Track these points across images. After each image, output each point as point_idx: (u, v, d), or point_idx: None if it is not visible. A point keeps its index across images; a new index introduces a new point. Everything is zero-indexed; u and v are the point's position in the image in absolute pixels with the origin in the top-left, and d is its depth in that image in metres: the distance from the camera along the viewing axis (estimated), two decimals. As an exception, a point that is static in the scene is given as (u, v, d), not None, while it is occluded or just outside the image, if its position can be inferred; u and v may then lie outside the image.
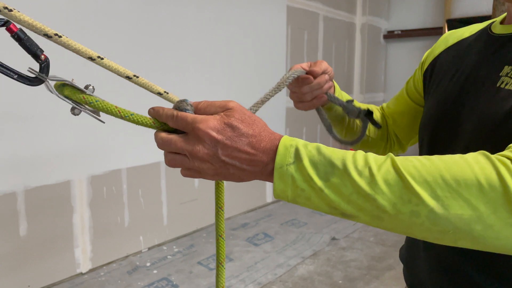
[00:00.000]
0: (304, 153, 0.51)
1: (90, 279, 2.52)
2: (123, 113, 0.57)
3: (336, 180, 0.49)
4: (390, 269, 2.71)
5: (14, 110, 2.19)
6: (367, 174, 0.48)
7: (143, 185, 2.89)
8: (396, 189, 0.47)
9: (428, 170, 0.47)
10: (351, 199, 0.49)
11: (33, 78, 0.52)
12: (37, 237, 2.34)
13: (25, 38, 0.49)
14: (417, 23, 5.29)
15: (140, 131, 2.96)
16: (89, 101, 0.54)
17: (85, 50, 0.53)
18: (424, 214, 0.47)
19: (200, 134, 0.52)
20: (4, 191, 2.19)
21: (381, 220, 0.49)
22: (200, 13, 3.11)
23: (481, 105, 0.68)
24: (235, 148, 0.52)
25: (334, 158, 0.50)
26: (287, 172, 0.51)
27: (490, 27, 0.78)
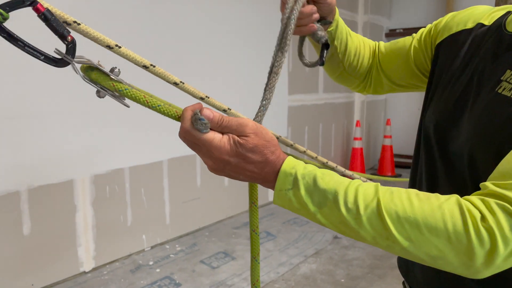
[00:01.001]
0: (302, 183, 0.58)
1: (93, 278, 2.53)
2: (150, 103, 0.57)
3: (327, 210, 0.58)
4: (393, 268, 2.72)
5: (17, 109, 2.20)
6: (354, 212, 0.56)
7: (146, 184, 2.90)
8: (377, 228, 0.56)
9: (408, 218, 0.55)
10: (338, 226, 0.58)
11: (59, 59, 0.51)
12: (41, 236, 2.35)
13: (52, 18, 0.48)
14: (419, 21, 5.28)
15: (143, 131, 2.96)
16: (118, 89, 0.54)
17: (103, 38, 0.53)
18: (398, 249, 0.56)
19: (212, 155, 0.58)
20: (8, 190, 2.20)
21: (361, 241, 0.59)
22: (200, 11, 3.11)
23: (478, 108, 0.66)
24: (241, 169, 0.59)
25: (327, 191, 0.58)
26: (286, 195, 0.59)
27: (505, 21, 0.71)
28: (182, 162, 3.13)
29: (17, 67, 2.16)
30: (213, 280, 2.54)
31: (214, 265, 2.73)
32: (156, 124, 2.86)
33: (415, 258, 0.57)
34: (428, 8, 5.23)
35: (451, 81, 0.76)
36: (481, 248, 0.52)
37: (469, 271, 0.55)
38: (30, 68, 2.20)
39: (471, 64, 0.73)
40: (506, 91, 0.63)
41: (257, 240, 0.74)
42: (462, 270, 0.56)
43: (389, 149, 5.26)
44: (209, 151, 0.58)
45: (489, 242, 0.52)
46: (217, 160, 0.58)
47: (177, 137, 2.43)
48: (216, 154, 0.58)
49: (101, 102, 2.80)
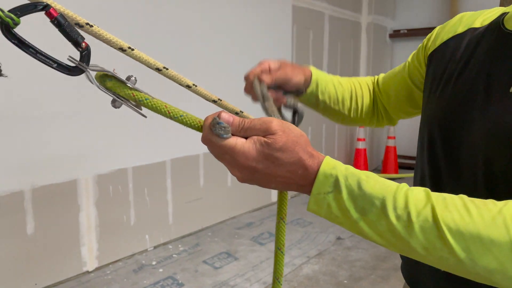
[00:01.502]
0: (344, 186, 0.51)
1: (96, 278, 2.54)
2: (173, 113, 0.54)
3: (373, 217, 0.51)
4: (396, 269, 2.71)
5: (21, 110, 2.21)
6: (405, 219, 0.50)
7: (149, 184, 2.91)
8: (431, 237, 0.49)
9: (466, 226, 0.49)
10: (384, 236, 0.51)
11: (73, 67, 0.48)
12: (44, 235, 2.36)
13: (65, 24, 0.46)
14: (423, 22, 5.26)
15: (146, 131, 2.97)
16: (138, 99, 0.52)
17: (116, 40, 0.50)
18: (452, 261, 0.49)
19: (237, 163, 0.52)
20: (12, 189, 2.21)
21: (409, 254, 0.52)
22: (205, 13, 3.12)
23: (493, 110, 0.64)
24: (272, 175, 0.52)
25: (374, 196, 0.51)
26: (324, 200, 0.52)
27: (503, 20, 0.71)
28: (185, 162, 3.13)
29: (20, 69, 2.17)
30: (215, 280, 2.54)
31: (217, 265, 2.73)
32: (159, 124, 2.86)
33: (469, 273, 0.50)
34: (433, 8, 5.21)
35: (450, 81, 0.75)
36: None
37: None
38: (33, 70, 2.21)
39: (472, 64, 0.72)
40: None
41: (284, 229, 0.69)
42: None
43: (392, 150, 5.24)
44: (233, 158, 0.51)
45: None
46: (243, 168, 0.52)
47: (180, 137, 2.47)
48: (242, 161, 0.51)
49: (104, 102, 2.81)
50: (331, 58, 4.66)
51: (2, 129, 2.15)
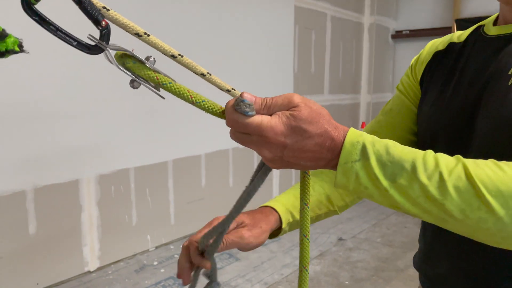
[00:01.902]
0: (372, 152, 0.50)
1: (98, 277, 2.54)
2: (195, 98, 0.53)
3: (403, 182, 0.49)
4: (398, 270, 2.70)
5: (23, 109, 2.21)
6: (437, 179, 0.48)
7: (151, 184, 2.91)
8: (466, 195, 0.47)
9: (502, 180, 0.47)
10: (417, 202, 0.49)
11: (93, 46, 0.48)
12: (46, 235, 2.36)
13: (85, 1, 0.45)
14: (426, 23, 5.25)
15: (148, 131, 2.96)
16: (162, 82, 0.51)
17: (133, 25, 0.50)
18: (492, 221, 0.47)
19: (265, 140, 0.50)
20: (14, 189, 2.21)
21: (446, 222, 0.49)
22: (206, 13, 3.12)
23: (494, 106, 0.66)
24: (301, 150, 0.51)
25: (403, 159, 0.49)
26: (352, 169, 0.50)
27: (482, 30, 0.76)
28: (187, 163, 3.14)
29: (23, 68, 2.18)
30: (217, 281, 2.54)
31: (218, 266, 2.73)
32: (161, 124, 2.87)
33: (509, 235, 0.47)
34: (435, 9, 5.20)
35: (450, 84, 0.77)
36: None
37: None
38: (36, 68, 2.21)
39: (462, 72, 0.75)
40: None
41: (308, 247, 0.66)
42: None
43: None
44: (261, 136, 0.50)
45: None
46: (272, 145, 0.50)
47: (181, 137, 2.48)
48: (270, 137, 0.49)
49: (106, 102, 2.82)
50: (333, 59, 4.65)
51: (4, 128, 2.15)
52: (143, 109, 2.75)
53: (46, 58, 2.22)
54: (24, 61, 2.15)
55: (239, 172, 3.56)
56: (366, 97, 5.28)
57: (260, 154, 0.52)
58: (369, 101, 5.32)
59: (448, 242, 0.77)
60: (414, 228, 3.44)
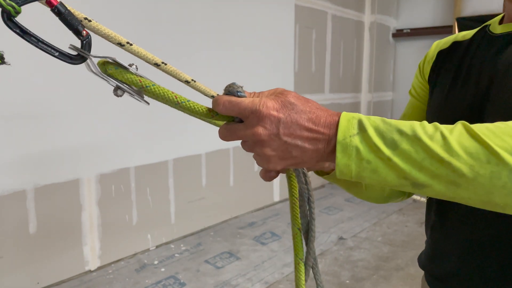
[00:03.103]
0: (368, 124, 0.48)
1: (98, 277, 2.54)
2: (179, 99, 0.53)
3: (405, 146, 0.46)
4: (398, 269, 2.70)
5: (23, 109, 2.21)
6: (439, 138, 0.46)
7: (151, 183, 2.91)
8: (472, 150, 0.45)
9: (504, 131, 0.46)
10: (423, 166, 0.46)
11: (75, 56, 0.48)
12: (46, 234, 2.36)
13: (65, 12, 0.46)
14: (427, 21, 5.24)
15: (148, 130, 2.96)
16: (145, 85, 0.51)
17: (115, 35, 0.50)
18: (505, 174, 0.44)
19: (260, 116, 0.50)
20: (14, 189, 2.21)
21: (457, 186, 0.46)
22: (207, 12, 3.11)
23: (503, 100, 0.67)
24: (296, 125, 0.50)
25: (401, 126, 0.48)
26: (351, 144, 0.48)
27: (488, 29, 0.77)
28: (188, 162, 3.13)
29: (23, 67, 2.18)
30: (217, 280, 2.54)
31: (219, 265, 2.73)
32: (161, 124, 2.86)
33: None
34: (436, 8, 5.19)
35: (458, 80, 0.78)
36: None
37: None
38: (36, 68, 2.21)
39: (469, 68, 0.76)
40: None
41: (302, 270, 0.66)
42: None
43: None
44: (255, 112, 0.50)
45: None
46: (267, 121, 0.49)
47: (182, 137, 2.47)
48: (264, 111, 0.49)
49: (106, 102, 2.83)
50: (334, 58, 4.65)
51: (5, 128, 2.15)
52: (144, 109, 2.74)
53: (46, 57, 2.21)
54: (24, 61, 2.15)
55: (239, 171, 3.55)
56: (366, 96, 5.27)
57: (257, 137, 0.50)
58: (370, 100, 5.31)
59: (457, 239, 0.76)
60: (414, 227, 3.43)
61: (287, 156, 0.51)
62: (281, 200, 4.09)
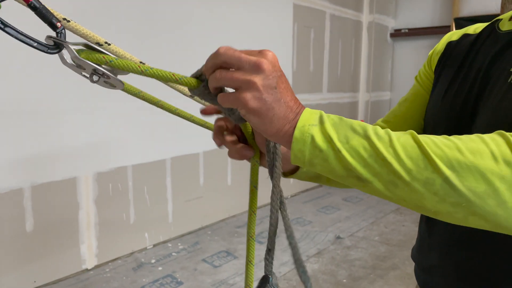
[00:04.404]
0: (327, 119, 0.53)
1: (96, 275, 2.54)
2: (143, 67, 0.55)
3: (355, 142, 0.50)
4: (395, 269, 2.71)
5: (20, 107, 2.21)
6: (387, 140, 0.50)
7: (149, 182, 2.90)
8: (413, 155, 0.48)
9: (445, 143, 0.49)
10: (368, 162, 0.50)
11: (52, 46, 0.53)
12: (43, 233, 2.36)
13: (40, 7, 0.51)
14: (425, 21, 5.25)
15: (146, 129, 2.96)
16: (109, 60, 0.53)
17: (93, 35, 0.54)
18: (439, 182, 0.47)
19: (267, 56, 0.54)
20: (11, 187, 2.21)
21: (395, 186, 0.49)
22: (205, 11, 3.11)
23: (494, 102, 0.67)
24: (287, 85, 0.54)
25: (355, 124, 0.52)
26: (308, 131, 0.52)
27: (498, 25, 0.77)
28: (185, 161, 3.13)
29: (19, 65, 2.17)
30: (215, 278, 2.54)
31: (216, 264, 2.73)
32: (159, 122, 2.86)
33: (459, 202, 0.48)
34: (434, 8, 5.20)
35: (459, 76, 0.79)
36: None
37: None
38: (33, 66, 2.20)
39: (471, 65, 0.77)
40: None
41: (253, 245, 0.72)
42: None
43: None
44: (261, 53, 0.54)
45: None
46: (271, 64, 0.53)
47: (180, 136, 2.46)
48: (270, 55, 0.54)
49: (104, 100, 2.82)
50: (332, 57, 4.65)
51: (2, 126, 2.14)
52: (141, 107, 2.74)
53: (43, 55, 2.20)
54: (21, 59, 2.14)
55: (237, 170, 3.55)
56: (364, 96, 5.28)
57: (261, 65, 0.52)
58: (368, 100, 5.32)
59: (440, 233, 0.78)
60: (411, 227, 3.44)
61: (266, 102, 0.52)
62: (278, 199, 4.09)
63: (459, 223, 0.51)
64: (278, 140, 0.54)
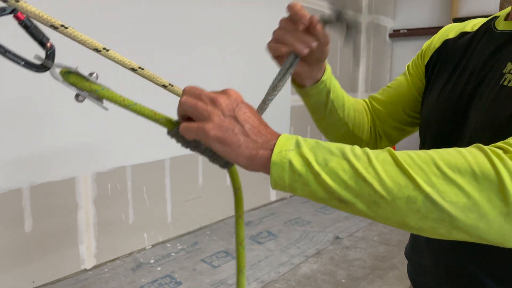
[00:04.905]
0: (304, 143, 0.52)
1: (94, 275, 2.54)
2: (127, 101, 0.57)
3: (334, 164, 0.50)
4: (394, 269, 2.71)
5: (19, 107, 2.20)
6: (365, 159, 0.50)
7: (148, 182, 2.90)
8: (393, 174, 0.48)
9: (423, 159, 0.49)
10: (348, 184, 0.49)
11: (39, 65, 0.53)
12: (42, 233, 2.36)
13: (31, 26, 0.51)
14: (423, 22, 5.26)
15: (145, 128, 2.96)
16: (94, 89, 0.55)
17: (91, 41, 0.54)
18: (420, 199, 0.47)
19: (229, 93, 0.56)
20: (10, 187, 2.20)
21: (377, 206, 0.49)
22: (202, 12, 3.11)
23: (486, 103, 0.67)
24: (251, 113, 0.55)
25: (332, 147, 0.52)
26: (286, 156, 0.51)
27: (494, 23, 0.76)
28: (184, 161, 3.13)
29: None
30: (213, 279, 2.54)
31: (215, 264, 2.73)
32: (158, 122, 2.85)
33: (442, 218, 0.48)
34: (433, 8, 5.21)
35: (453, 76, 0.78)
36: None
37: (509, 223, 0.46)
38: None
39: (466, 65, 0.76)
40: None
41: (243, 253, 0.72)
42: (500, 225, 0.47)
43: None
44: (223, 91, 0.57)
45: None
46: (231, 97, 0.55)
47: (178, 135, 2.33)
48: (231, 91, 0.57)
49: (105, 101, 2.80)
50: (331, 57, 4.65)
51: (0, 126, 2.14)
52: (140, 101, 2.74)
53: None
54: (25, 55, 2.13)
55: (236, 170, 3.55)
56: (363, 96, 5.28)
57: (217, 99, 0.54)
58: (367, 100, 5.32)
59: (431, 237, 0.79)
60: (410, 227, 3.45)
61: (228, 130, 0.53)
62: (277, 200, 4.10)
63: (442, 238, 0.51)
64: (255, 168, 0.54)
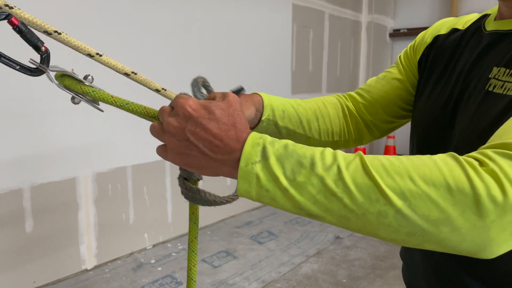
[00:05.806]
0: (271, 152, 0.49)
1: (95, 276, 2.54)
2: (118, 102, 0.58)
3: (302, 179, 0.48)
4: (394, 268, 2.71)
5: (20, 107, 2.20)
6: (335, 171, 0.47)
7: (148, 182, 2.90)
8: (364, 188, 0.46)
9: (397, 170, 0.46)
10: (317, 199, 0.47)
11: (35, 69, 0.53)
12: (43, 233, 2.36)
13: (26, 31, 0.51)
14: (423, 21, 5.26)
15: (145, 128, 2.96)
16: (86, 91, 0.56)
17: (84, 47, 0.55)
18: (392, 214, 0.46)
19: (177, 108, 0.54)
20: (11, 187, 2.21)
21: (348, 220, 0.48)
22: (205, 11, 3.11)
23: (471, 108, 0.66)
24: (202, 127, 0.52)
25: (302, 156, 0.49)
26: (252, 171, 0.49)
27: (484, 22, 0.75)
28: (185, 161, 3.13)
29: (20, 65, 2.17)
30: (214, 279, 2.54)
31: (216, 264, 2.73)
32: (158, 122, 2.86)
33: (413, 232, 0.46)
34: (433, 8, 5.21)
35: (442, 78, 0.77)
36: (488, 197, 0.43)
37: (481, 236, 0.45)
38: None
39: (454, 66, 0.75)
40: (497, 89, 0.62)
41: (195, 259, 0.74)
42: (473, 239, 0.45)
43: (392, 150, 5.25)
44: (176, 101, 0.54)
45: (496, 186, 0.44)
46: (180, 113, 0.53)
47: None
48: (180, 102, 0.53)
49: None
50: (331, 57, 4.65)
51: (1, 126, 2.14)
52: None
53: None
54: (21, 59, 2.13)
55: (236, 170, 3.55)
56: (363, 96, 5.28)
57: (168, 124, 0.54)
58: (367, 100, 5.32)
59: None
60: (411, 227, 3.45)
61: (187, 153, 0.54)
62: (278, 199, 4.09)
63: (416, 247, 0.50)
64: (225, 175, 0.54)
